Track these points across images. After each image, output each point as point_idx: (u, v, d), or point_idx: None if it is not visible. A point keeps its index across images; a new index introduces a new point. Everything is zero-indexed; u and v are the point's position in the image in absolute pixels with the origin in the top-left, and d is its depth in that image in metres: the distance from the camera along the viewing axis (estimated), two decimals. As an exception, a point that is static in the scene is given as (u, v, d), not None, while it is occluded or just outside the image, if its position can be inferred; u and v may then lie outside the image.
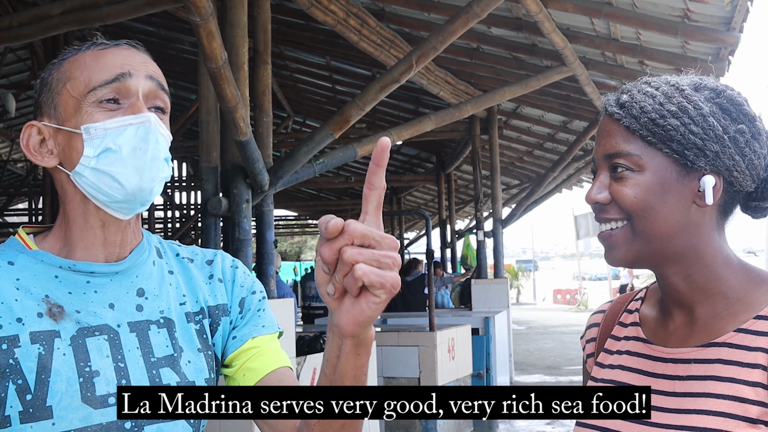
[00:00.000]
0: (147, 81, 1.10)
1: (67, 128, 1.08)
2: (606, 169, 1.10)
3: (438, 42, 5.18)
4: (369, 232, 0.80)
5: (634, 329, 1.19)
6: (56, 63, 1.13)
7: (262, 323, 1.23)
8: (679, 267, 1.10)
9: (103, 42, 1.12)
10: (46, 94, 1.12)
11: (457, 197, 16.91)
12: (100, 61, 1.09)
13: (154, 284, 1.16)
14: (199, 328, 1.18)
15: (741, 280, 1.10)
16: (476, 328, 8.44)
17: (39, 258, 1.10)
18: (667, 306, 1.15)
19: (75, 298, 1.08)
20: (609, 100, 1.13)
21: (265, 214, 4.87)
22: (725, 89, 1.09)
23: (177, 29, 9.51)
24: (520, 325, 19.64)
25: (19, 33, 4.89)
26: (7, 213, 18.26)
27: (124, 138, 1.07)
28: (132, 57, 1.11)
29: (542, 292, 36.00)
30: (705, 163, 1.05)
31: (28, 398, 1.01)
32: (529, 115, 10.60)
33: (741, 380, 1.02)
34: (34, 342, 1.03)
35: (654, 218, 1.07)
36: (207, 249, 1.29)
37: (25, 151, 1.12)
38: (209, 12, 3.60)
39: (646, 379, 1.11)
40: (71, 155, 1.09)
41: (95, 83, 1.08)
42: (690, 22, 5.56)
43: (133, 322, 1.11)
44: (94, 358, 1.06)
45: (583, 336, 1.31)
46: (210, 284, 1.22)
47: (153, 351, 1.11)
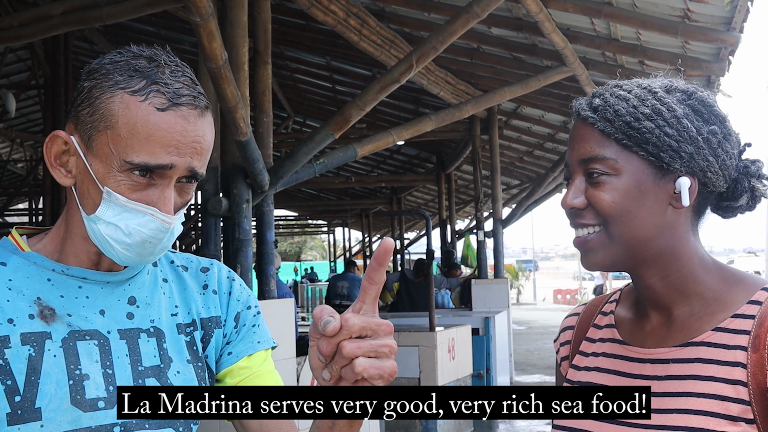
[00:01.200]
0: (189, 163, 1.03)
1: (92, 172, 1.03)
2: (581, 173, 1.11)
3: (438, 42, 5.18)
4: (366, 324, 0.83)
5: (610, 331, 1.19)
6: (110, 84, 1.02)
7: (258, 339, 1.23)
8: (656, 269, 1.10)
9: (163, 85, 1.02)
10: (87, 113, 1.03)
11: (458, 197, 16.90)
12: (150, 129, 1.00)
13: (146, 293, 1.15)
14: (189, 340, 1.17)
15: (717, 280, 1.11)
16: (476, 328, 8.44)
17: (32, 260, 1.09)
18: (644, 307, 1.15)
19: (67, 301, 1.08)
20: (581, 104, 1.13)
21: (265, 214, 4.87)
22: (696, 91, 1.10)
23: (177, 29, 9.51)
24: (521, 325, 19.64)
25: (19, 33, 4.89)
26: (7, 213, 18.26)
27: (138, 225, 1.03)
28: (186, 133, 1.02)
29: (542, 292, 35.99)
30: (680, 165, 1.06)
31: (16, 399, 1.00)
32: (529, 115, 10.60)
33: (721, 378, 1.02)
34: (24, 343, 1.02)
35: (631, 222, 1.07)
36: (202, 257, 1.28)
37: (45, 158, 1.08)
38: (209, 12, 3.60)
39: (622, 380, 1.11)
40: (87, 198, 1.06)
41: (132, 158, 1.00)
42: (690, 22, 5.56)
43: (123, 329, 1.10)
44: (84, 361, 1.05)
45: (556, 339, 1.31)
46: (204, 295, 1.21)
47: (141, 360, 1.10)
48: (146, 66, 1.03)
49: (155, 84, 1.02)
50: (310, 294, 21.74)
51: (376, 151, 7.41)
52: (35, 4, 7.35)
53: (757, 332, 1.02)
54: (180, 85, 1.03)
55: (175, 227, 1.06)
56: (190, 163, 1.04)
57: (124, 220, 1.03)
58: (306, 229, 34.38)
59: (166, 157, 1.01)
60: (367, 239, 23.79)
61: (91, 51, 11.90)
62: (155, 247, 1.06)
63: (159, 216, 1.04)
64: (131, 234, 1.03)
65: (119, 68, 1.03)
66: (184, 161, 1.03)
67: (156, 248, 1.06)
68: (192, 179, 1.07)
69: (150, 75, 1.02)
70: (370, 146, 5.79)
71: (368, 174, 17.54)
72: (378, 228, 26.95)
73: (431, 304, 6.54)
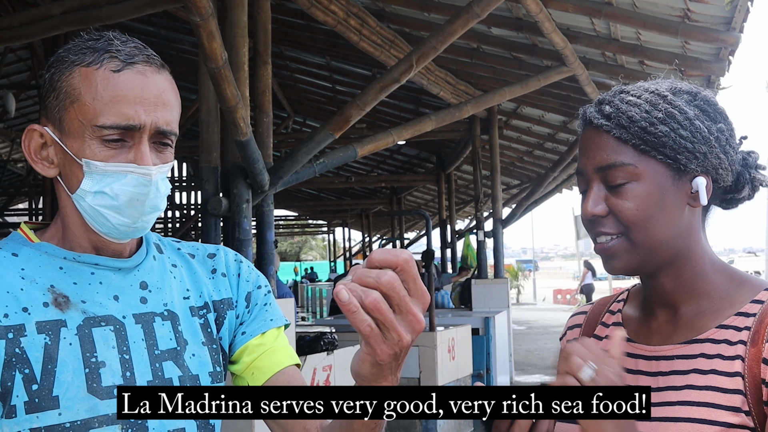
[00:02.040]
0: (156, 118, 1.06)
1: (69, 151, 1.06)
2: (598, 181, 1.11)
3: (438, 42, 5.18)
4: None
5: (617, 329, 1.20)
6: (66, 65, 1.06)
7: (270, 317, 1.24)
8: (671, 269, 1.12)
9: (116, 51, 1.05)
10: (52, 99, 1.07)
11: (457, 197, 16.90)
12: (111, 90, 1.03)
13: (156, 277, 1.16)
14: (203, 322, 1.18)
15: (724, 279, 1.13)
16: (476, 328, 8.44)
17: (43, 250, 1.09)
18: (651, 305, 1.18)
19: (80, 288, 1.08)
20: (591, 112, 1.13)
21: (265, 214, 4.87)
22: (699, 91, 1.13)
23: (177, 29, 9.52)
24: (521, 325, 19.64)
25: (19, 33, 4.89)
26: (7, 213, 18.27)
27: (122, 185, 1.05)
28: (146, 87, 1.05)
29: (542, 292, 35.99)
30: (696, 165, 1.08)
31: (34, 388, 1.00)
32: (529, 115, 10.60)
33: (722, 372, 1.05)
34: (40, 332, 1.02)
35: (654, 226, 1.09)
36: (207, 244, 1.29)
37: (26, 154, 1.10)
38: (209, 12, 3.60)
39: (629, 376, 1.12)
40: (71, 178, 1.07)
41: (102, 122, 1.03)
42: (690, 22, 5.56)
43: (138, 314, 1.11)
44: (100, 348, 1.05)
45: (563, 337, 1.33)
46: (213, 279, 1.22)
47: (157, 343, 1.11)
48: (96, 42, 1.07)
49: (107, 52, 1.05)
50: (309, 294, 21.74)
51: (376, 151, 7.42)
52: (35, 4, 7.35)
53: (757, 328, 1.05)
54: (131, 49, 1.07)
55: (157, 181, 1.06)
56: (157, 119, 1.05)
57: (107, 185, 1.04)
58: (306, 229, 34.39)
59: (134, 115, 1.03)
60: (367, 239, 23.80)
61: (91, 51, 11.89)
62: (144, 204, 1.06)
63: (138, 170, 1.04)
64: (117, 195, 1.04)
65: (72, 51, 1.07)
66: (150, 118, 1.05)
67: (145, 206, 1.06)
68: (165, 139, 1.08)
69: (100, 48, 1.06)
70: (370, 146, 5.80)
71: (368, 174, 17.54)
72: (378, 228, 26.96)
73: (431, 304, 6.54)
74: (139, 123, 1.04)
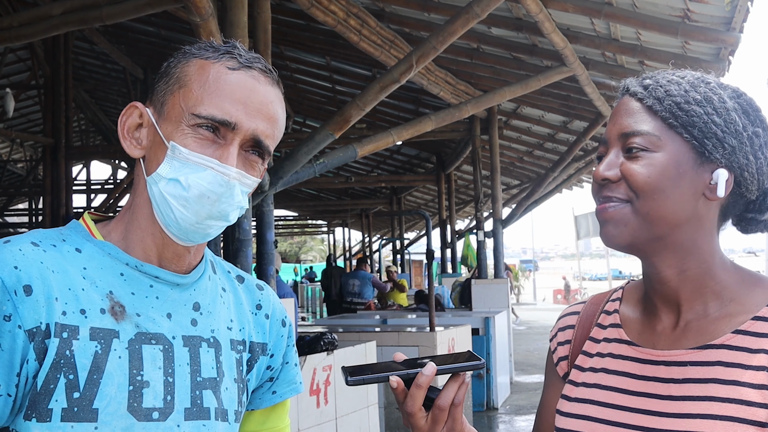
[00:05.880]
0: (255, 125, 1.04)
1: (160, 133, 1.04)
2: (618, 146, 1.08)
3: (438, 42, 5.18)
4: None
5: (615, 331, 1.16)
6: (186, 57, 1.07)
7: (299, 379, 1.25)
8: (675, 259, 1.08)
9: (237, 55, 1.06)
10: (162, 84, 1.07)
11: (457, 197, 16.91)
12: (220, 84, 1.03)
13: (209, 300, 1.13)
14: (239, 358, 1.15)
15: (735, 280, 1.08)
16: (476, 328, 8.44)
17: (106, 251, 1.05)
18: (653, 305, 1.12)
19: (137, 300, 1.04)
20: (631, 81, 1.11)
21: (265, 214, 4.87)
22: (744, 93, 1.10)
23: (177, 29, 9.52)
24: (520, 325, 19.64)
25: (19, 33, 4.89)
26: (7, 213, 18.26)
27: (197, 178, 1.02)
28: (255, 91, 1.04)
29: (542, 292, 35.99)
30: (721, 156, 1.04)
31: (75, 396, 0.96)
32: (529, 115, 10.61)
33: (746, 383, 0.99)
34: (92, 338, 0.98)
35: (663, 201, 1.04)
36: (250, 275, 1.27)
37: (119, 128, 1.09)
38: (209, 12, 3.60)
39: (634, 382, 1.08)
40: (152, 161, 1.05)
41: (200, 111, 1.02)
42: (690, 22, 5.56)
43: (187, 336, 1.07)
44: (147, 367, 1.02)
45: (553, 338, 1.27)
46: (256, 316, 1.20)
47: (201, 370, 1.07)
48: (221, 45, 1.08)
49: (228, 53, 1.06)
50: (309, 294, 21.75)
51: (376, 151, 7.41)
52: (35, 4, 7.36)
53: None
54: (252, 57, 1.07)
55: (235, 185, 1.04)
56: (255, 126, 1.04)
57: (183, 174, 1.02)
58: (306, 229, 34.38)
59: (233, 112, 1.02)
60: (367, 239, 23.80)
61: (91, 51, 11.91)
62: (213, 205, 1.03)
63: (218, 168, 1.02)
64: (190, 187, 1.01)
65: (196, 47, 1.08)
66: (249, 123, 1.03)
67: (214, 207, 1.03)
68: (258, 150, 1.06)
69: (223, 49, 1.07)
70: (370, 146, 5.79)
71: (368, 174, 17.54)
72: (378, 228, 26.96)
73: (431, 304, 6.54)
74: (235, 122, 1.02)
